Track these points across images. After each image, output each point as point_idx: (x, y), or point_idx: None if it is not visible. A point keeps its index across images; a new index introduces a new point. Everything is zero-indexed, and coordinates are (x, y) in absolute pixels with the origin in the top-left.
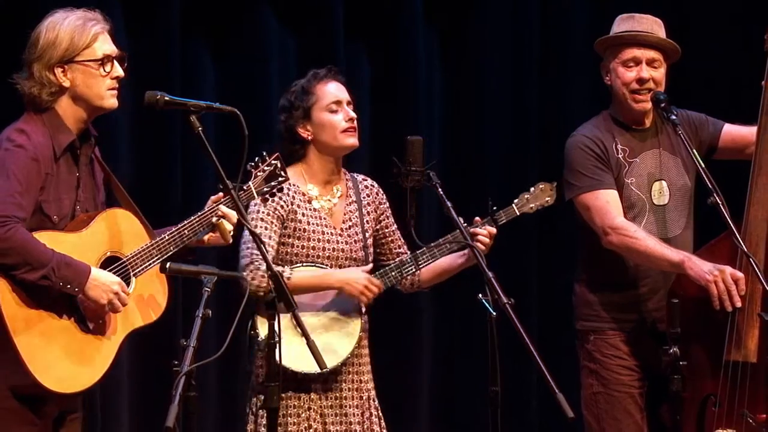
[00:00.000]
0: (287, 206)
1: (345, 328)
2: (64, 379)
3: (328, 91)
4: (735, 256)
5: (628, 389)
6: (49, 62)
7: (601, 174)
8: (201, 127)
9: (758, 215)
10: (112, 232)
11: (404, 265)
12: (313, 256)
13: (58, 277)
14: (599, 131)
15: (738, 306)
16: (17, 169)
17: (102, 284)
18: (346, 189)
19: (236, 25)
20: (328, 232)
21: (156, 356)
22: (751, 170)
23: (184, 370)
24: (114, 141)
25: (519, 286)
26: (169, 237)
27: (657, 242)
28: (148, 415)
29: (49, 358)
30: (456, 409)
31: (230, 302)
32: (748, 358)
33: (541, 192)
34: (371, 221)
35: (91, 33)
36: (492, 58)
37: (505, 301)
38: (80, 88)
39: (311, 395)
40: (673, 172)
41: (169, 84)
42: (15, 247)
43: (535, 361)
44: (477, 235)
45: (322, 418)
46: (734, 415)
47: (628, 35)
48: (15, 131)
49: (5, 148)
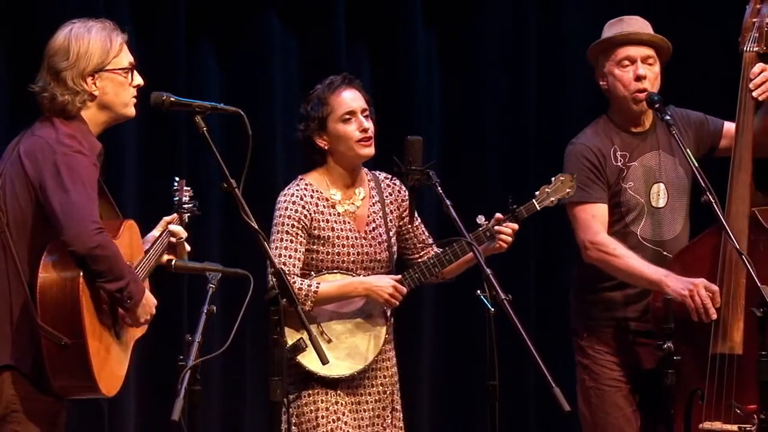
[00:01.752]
0: (311, 214)
1: (371, 332)
2: (110, 384)
3: (342, 101)
4: (717, 253)
5: (617, 384)
6: (84, 71)
7: (592, 187)
8: (206, 127)
9: (738, 210)
10: (130, 242)
11: (428, 268)
12: (339, 261)
13: (128, 291)
14: (599, 138)
15: (714, 318)
16: (89, 175)
17: (148, 304)
18: (368, 190)
19: (240, 28)
20: (353, 236)
21: (162, 351)
22: (731, 168)
23: (189, 365)
24: (121, 141)
25: (517, 283)
26: (152, 253)
27: (636, 259)
28: (154, 408)
29: (102, 363)
30: (455, 403)
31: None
32: (734, 350)
33: (562, 184)
34: (395, 219)
35: (118, 43)
36: (490, 59)
37: (503, 298)
38: (109, 97)
39: (338, 392)
40: (671, 174)
41: (174, 85)
42: (109, 256)
43: (532, 355)
44: (501, 233)
45: (351, 413)
46: (722, 408)
47: (621, 35)
48: (66, 137)
49: (63, 152)
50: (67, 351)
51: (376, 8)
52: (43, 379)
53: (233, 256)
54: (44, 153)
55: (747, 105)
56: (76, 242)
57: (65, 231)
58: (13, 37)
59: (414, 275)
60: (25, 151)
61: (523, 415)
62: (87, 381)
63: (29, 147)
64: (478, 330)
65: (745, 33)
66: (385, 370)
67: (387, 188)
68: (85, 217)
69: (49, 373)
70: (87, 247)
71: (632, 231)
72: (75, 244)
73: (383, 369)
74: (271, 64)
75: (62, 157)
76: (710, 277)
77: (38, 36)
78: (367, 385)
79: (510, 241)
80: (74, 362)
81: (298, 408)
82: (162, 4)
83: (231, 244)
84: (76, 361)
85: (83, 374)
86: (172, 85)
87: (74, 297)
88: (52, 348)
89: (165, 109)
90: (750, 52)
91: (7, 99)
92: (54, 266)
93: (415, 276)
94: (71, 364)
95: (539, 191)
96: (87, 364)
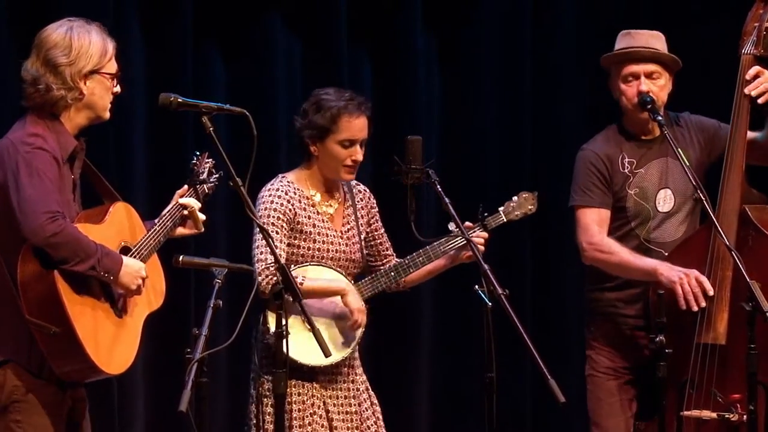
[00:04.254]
0: (294, 209)
1: (348, 326)
2: (113, 362)
3: (350, 128)
4: (707, 247)
5: (613, 372)
6: (83, 70)
7: (597, 193)
8: (212, 127)
9: (729, 207)
10: (123, 223)
11: (405, 266)
12: (318, 256)
13: (102, 267)
14: (608, 146)
15: (703, 306)
16: (46, 168)
17: (132, 271)
18: (343, 194)
19: (245, 30)
20: (331, 234)
21: (170, 344)
22: (724, 166)
23: (196, 358)
24: (130, 140)
25: (513, 278)
26: (159, 228)
27: (630, 254)
28: (162, 399)
29: (100, 343)
30: (453, 395)
31: (240, 293)
32: (718, 341)
33: (524, 201)
34: (363, 224)
35: (111, 48)
36: (488, 61)
37: (500, 292)
38: (95, 98)
39: (314, 384)
40: (678, 179)
41: (182, 86)
42: (68, 241)
43: (528, 349)
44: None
45: (325, 406)
46: (704, 396)
47: (623, 52)
48: (28, 135)
49: (25, 151)
50: (58, 339)
51: (377, 11)
52: (43, 369)
53: (239, 252)
54: (9, 154)
55: (742, 105)
56: (31, 234)
57: (21, 226)
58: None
59: (381, 278)
60: None
61: (519, 407)
62: (85, 363)
63: None
64: (476, 324)
65: (745, 36)
66: (355, 368)
67: (358, 194)
68: (36, 209)
69: (50, 362)
70: (42, 237)
71: (636, 234)
72: (31, 237)
73: (352, 366)
74: (275, 65)
75: (23, 156)
76: (701, 270)
77: None
78: (339, 380)
79: (481, 249)
80: (67, 348)
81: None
82: (170, 8)
83: (237, 240)
84: (68, 346)
85: (79, 358)
86: (179, 86)
87: (52, 286)
88: (44, 339)
89: (173, 110)
90: (748, 54)
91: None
92: (31, 261)
93: (381, 279)
94: (65, 350)
95: (504, 205)
96: (80, 348)
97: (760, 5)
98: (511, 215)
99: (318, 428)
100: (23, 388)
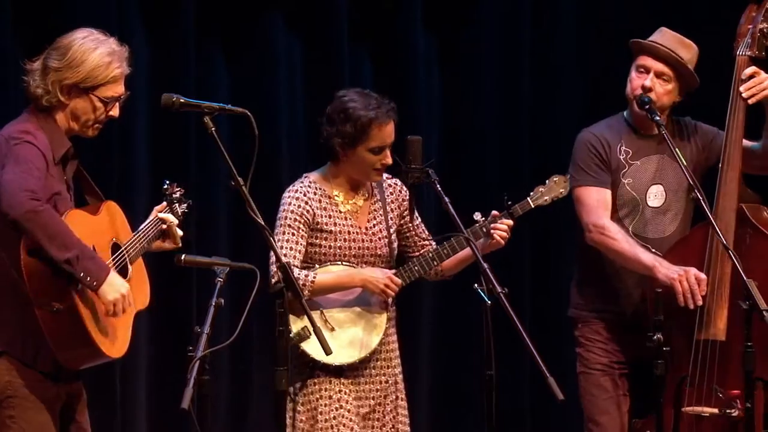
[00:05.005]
0: (313, 209)
1: (372, 321)
2: (112, 345)
3: (381, 136)
4: (705, 245)
5: (605, 368)
6: (63, 81)
7: (599, 172)
8: (214, 127)
9: (726, 206)
10: (113, 221)
11: (426, 261)
12: (341, 254)
13: (80, 266)
14: (609, 131)
15: (700, 304)
16: (32, 158)
17: (116, 286)
18: (370, 189)
19: (247, 31)
20: (354, 231)
21: (172, 342)
22: (720, 165)
23: (198, 355)
24: (133, 141)
25: (512, 276)
26: (143, 232)
27: (633, 245)
28: (164, 397)
29: (100, 325)
30: (453, 392)
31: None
32: (718, 337)
33: (555, 184)
34: (395, 218)
35: (111, 74)
36: (487, 61)
37: (499, 291)
38: (77, 112)
39: (342, 380)
40: (671, 177)
41: (184, 87)
42: (46, 223)
43: (527, 346)
44: (496, 230)
45: (354, 401)
46: (705, 392)
47: (644, 43)
48: (19, 131)
49: (14, 143)
50: (61, 317)
51: (378, 12)
52: (37, 361)
53: (240, 250)
54: (1, 148)
55: (738, 105)
56: (8, 209)
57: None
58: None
59: (411, 269)
60: None
61: (519, 404)
62: (88, 346)
63: None
64: (476, 322)
65: (740, 38)
66: (388, 361)
67: (388, 188)
68: (15, 187)
69: (53, 348)
70: (19, 212)
71: (624, 225)
72: (8, 211)
73: (386, 359)
74: (277, 65)
75: (12, 149)
76: (699, 268)
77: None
78: (371, 374)
79: (506, 237)
80: (71, 328)
81: (303, 396)
82: (172, 10)
83: (238, 239)
84: (72, 326)
85: (82, 339)
86: (181, 86)
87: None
88: (48, 320)
89: (175, 110)
90: (743, 56)
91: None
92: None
93: (413, 269)
94: (68, 330)
95: (534, 191)
96: (83, 328)
97: (753, 8)
98: (539, 200)
99: (346, 422)
100: (16, 383)
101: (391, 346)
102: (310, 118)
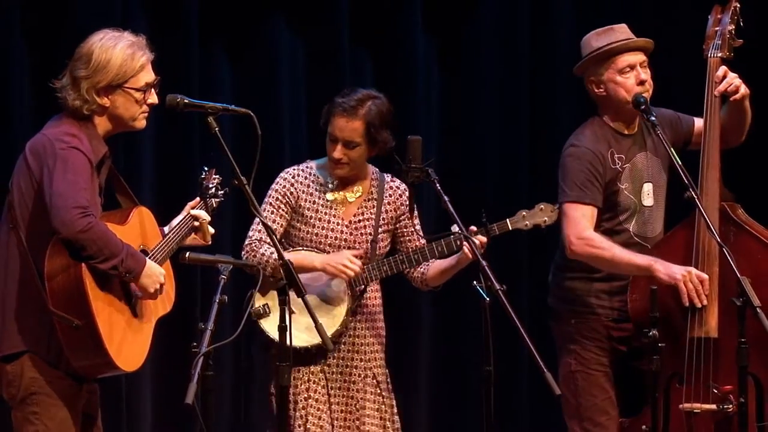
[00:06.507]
0: (298, 192)
1: (330, 311)
2: (128, 359)
3: (333, 126)
4: (690, 246)
5: (604, 368)
6: (98, 85)
7: (590, 189)
8: (217, 127)
9: (709, 205)
10: (142, 227)
11: (396, 263)
12: (317, 242)
13: (124, 267)
14: (597, 141)
15: (705, 303)
16: (80, 167)
17: (153, 274)
18: (368, 187)
19: (251, 32)
20: (335, 221)
21: (176, 339)
22: (701, 164)
23: (202, 351)
24: (138, 141)
25: (511, 274)
26: (172, 235)
27: (622, 250)
28: (169, 392)
29: (116, 339)
30: (452, 387)
31: (245, 289)
32: (710, 334)
33: (541, 212)
34: (389, 219)
35: (139, 63)
36: (486, 62)
37: (498, 288)
38: (119, 110)
39: (310, 368)
40: (656, 174)
41: (188, 87)
42: (97, 237)
43: (525, 342)
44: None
45: (324, 389)
46: (700, 389)
47: (622, 44)
48: (66, 134)
49: (61, 147)
50: (80, 332)
51: (378, 13)
52: (60, 362)
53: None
54: (45, 149)
55: (713, 105)
56: (62, 227)
57: (52, 219)
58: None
59: (380, 267)
60: (30, 148)
61: (517, 399)
62: (103, 358)
63: (34, 144)
64: (475, 318)
65: (709, 40)
66: (362, 354)
67: (389, 190)
68: (68, 203)
69: (68, 355)
70: (72, 231)
71: (625, 228)
72: (62, 229)
73: (361, 352)
74: (280, 66)
75: (59, 153)
76: (686, 265)
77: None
78: (338, 365)
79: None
80: (88, 342)
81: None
82: (176, 10)
83: (242, 237)
84: (89, 340)
85: (98, 352)
86: (185, 86)
87: (79, 280)
88: (66, 331)
89: (179, 110)
90: (714, 57)
91: (30, 99)
92: (59, 254)
93: (382, 268)
94: (85, 344)
95: (516, 214)
96: (100, 342)
97: (718, 9)
98: (519, 224)
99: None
100: (41, 380)
101: (367, 340)
102: (312, 117)
